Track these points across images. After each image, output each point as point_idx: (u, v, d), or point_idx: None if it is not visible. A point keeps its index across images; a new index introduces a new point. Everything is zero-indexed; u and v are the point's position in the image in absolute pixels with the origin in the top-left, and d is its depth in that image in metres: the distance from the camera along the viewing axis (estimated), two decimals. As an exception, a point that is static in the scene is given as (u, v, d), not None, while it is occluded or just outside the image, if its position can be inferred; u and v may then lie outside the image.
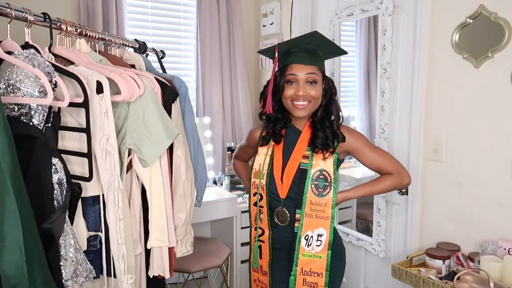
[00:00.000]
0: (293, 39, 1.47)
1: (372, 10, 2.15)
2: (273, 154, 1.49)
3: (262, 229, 1.51)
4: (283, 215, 1.46)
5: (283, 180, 1.46)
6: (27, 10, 1.20)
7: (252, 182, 1.52)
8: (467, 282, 1.53)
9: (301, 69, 1.40)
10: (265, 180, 1.47)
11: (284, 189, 1.45)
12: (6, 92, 1.06)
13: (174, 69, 2.82)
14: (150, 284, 1.56)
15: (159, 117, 1.37)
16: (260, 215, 1.50)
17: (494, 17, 1.61)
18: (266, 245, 1.50)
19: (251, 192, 1.53)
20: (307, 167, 1.43)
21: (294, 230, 1.45)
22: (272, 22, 2.90)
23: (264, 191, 1.47)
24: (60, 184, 1.12)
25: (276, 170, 1.47)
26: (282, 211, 1.46)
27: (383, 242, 2.16)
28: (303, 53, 1.40)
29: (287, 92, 1.41)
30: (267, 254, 1.50)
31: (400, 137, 2.06)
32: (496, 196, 1.66)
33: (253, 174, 1.52)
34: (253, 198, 1.52)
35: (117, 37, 1.76)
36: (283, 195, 1.45)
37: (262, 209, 1.49)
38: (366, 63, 2.77)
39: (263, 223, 1.50)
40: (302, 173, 1.43)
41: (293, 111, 1.43)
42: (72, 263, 1.12)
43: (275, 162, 1.48)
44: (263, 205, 1.48)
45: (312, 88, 1.40)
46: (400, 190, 2.03)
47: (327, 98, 1.46)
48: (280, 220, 1.47)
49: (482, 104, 1.69)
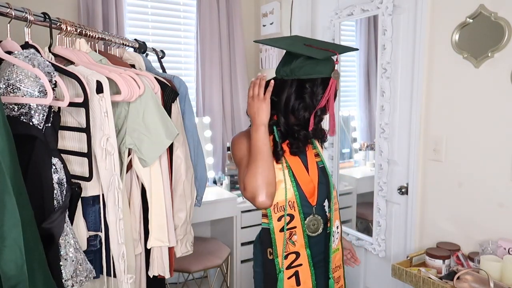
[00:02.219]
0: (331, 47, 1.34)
1: (372, 10, 2.14)
2: (288, 164, 1.32)
3: (296, 252, 1.31)
4: (315, 223, 1.33)
5: (313, 183, 1.34)
6: (27, 10, 1.20)
7: (272, 206, 1.28)
8: (467, 281, 1.53)
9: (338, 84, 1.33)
10: (294, 195, 1.30)
11: (315, 195, 1.34)
12: (6, 92, 1.06)
13: (174, 69, 2.82)
14: (150, 284, 1.56)
15: (159, 117, 1.37)
16: (292, 237, 1.30)
17: (494, 17, 1.61)
18: (306, 267, 1.31)
19: (272, 218, 1.29)
20: (323, 164, 1.41)
21: (327, 231, 1.36)
22: (272, 22, 2.90)
23: (295, 208, 1.30)
24: (60, 184, 1.12)
25: (302, 178, 1.33)
26: (314, 219, 1.33)
27: (383, 241, 2.16)
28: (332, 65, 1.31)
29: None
30: (309, 277, 1.32)
31: (400, 137, 2.06)
32: (496, 196, 1.66)
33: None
34: (277, 224, 1.29)
35: (117, 37, 1.76)
36: (314, 202, 1.33)
37: (294, 230, 1.30)
38: (366, 63, 2.77)
39: (298, 244, 1.30)
40: (323, 171, 1.39)
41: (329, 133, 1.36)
42: (72, 263, 1.12)
43: (296, 172, 1.33)
44: (296, 225, 1.30)
45: None
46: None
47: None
48: (312, 229, 1.33)
49: (482, 103, 1.69)
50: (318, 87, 1.29)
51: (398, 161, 2.08)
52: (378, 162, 2.16)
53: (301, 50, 1.28)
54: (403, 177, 2.05)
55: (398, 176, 2.09)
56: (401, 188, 2.05)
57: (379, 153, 2.14)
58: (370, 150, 2.76)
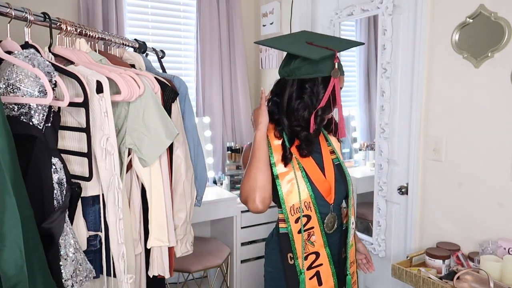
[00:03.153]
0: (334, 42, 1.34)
1: (372, 10, 2.15)
2: (301, 165, 1.31)
3: (316, 252, 1.30)
4: (333, 221, 1.34)
5: (329, 182, 1.34)
6: (27, 10, 1.20)
7: (289, 209, 1.27)
8: (467, 281, 1.53)
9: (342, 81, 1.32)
10: (309, 196, 1.29)
11: (332, 193, 1.33)
12: (6, 91, 1.06)
13: (174, 69, 2.82)
14: (150, 284, 1.56)
15: (159, 117, 1.37)
16: (310, 238, 1.29)
17: (494, 17, 1.61)
18: (327, 266, 1.31)
19: (290, 221, 1.28)
20: (339, 161, 1.39)
21: (343, 227, 1.39)
22: (272, 22, 2.90)
23: (311, 209, 1.28)
24: (60, 184, 1.12)
25: (316, 177, 1.32)
26: (331, 216, 1.33)
27: (383, 241, 2.16)
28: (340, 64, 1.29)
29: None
30: (330, 277, 1.32)
31: (400, 137, 2.06)
32: (496, 196, 1.66)
33: (287, 199, 1.28)
34: (295, 226, 1.28)
35: (117, 37, 1.76)
36: (331, 200, 1.33)
37: (312, 230, 1.29)
38: (366, 63, 2.78)
39: (317, 244, 1.30)
40: (339, 168, 1.38)
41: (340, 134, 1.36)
42: (72, 262, 1.12)
43: (310, 172, 1.31)
44: (313, 225, 1.29)
45: None
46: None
47: None
48: (329, 227, 1.33)
49: (482, 103, 1.69)
50: (319, 87, 1.29)
51: (398, 161, 2.08)
52: (378, 162, 2.16)
53: (299, 50, 1.28)
54: (403, 177, 2.05)
55: (398, 176, 2.09)
56: (401, 188, 2.05)
57: (379, 153, 2.14)
58: (370, 150, 2.76)
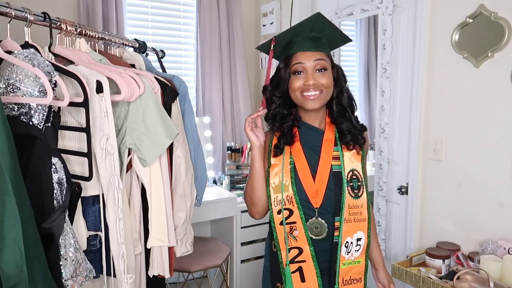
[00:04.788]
0: (292, 27, 1.34)
1: (372, 10, 2.15)
2: (293, 160, 1.31)
3: (299, 247, 1.29)
4: (318, 227, 1.29)
5: (317, 187, 1.29)
6: (27, 10, 1.20)
7: (273, 199, 1.30)
8: (467, 281, 1.53)
9: (308, 56, 1.25)
10: (292, 191, 1.28)
11: (318, 197, 1.29)
12: (6, 91, 1.06)
13: (174, 69, 2.82)
14: (150, 283, 1.56)
15: (159, 117, 1.37)
16: (293, 232, 1.29)
17: (494, 17, 1.61)
18: (310, 263, 1.29)
19: (273, 212, 1.30)
20: (340, 169, 1.30)
21: (334, 240, 1.29)
22: (272, 22, 2.90)
23: (293, 204, 1.28)
24: (60, 184, 1.12)
25: (304, 177, 1.30)
26: (317, 222, 1.29)
27: (383, 241, 2.16)
28: (306, 40, 1.27)
29: (296, 83, 1.27)
30: (314, 274, 1.29)
31: (400, 137, 2.06)
32: (496, 195, 1.66)
33: (273, 189, 1.31)
34: (277, 217, 1.30)
35: (117, 37, 1.76)
36: (317, 204, 1.29)
37: (295, 225, 1.28)
38: (366, 63, 2.78)
39: (300, 240, 1.29)
40: (336, 176, 1.29)
41: (304, 104, 1.28)
42: (72, 262, 1.12)
43: (299, 169, 1.30)
44: (296, 220, 1.28)
45: (322, 76, 1.26)
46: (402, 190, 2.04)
47: (338, 89, 1.33)
48: (315, 232, 1.29)
49: (482, 103, 1.69)
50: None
51: (398, 161, 2.08)
52: (378, 162, 2.16)
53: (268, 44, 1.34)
54: (403, 177, 2.05)
55: (398, 176, 2.09)
56: (401, 188, 2.05)
57: (379, 153, 2.14)
58: (370, 150, 2.76)
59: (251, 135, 1.30)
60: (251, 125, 1.30)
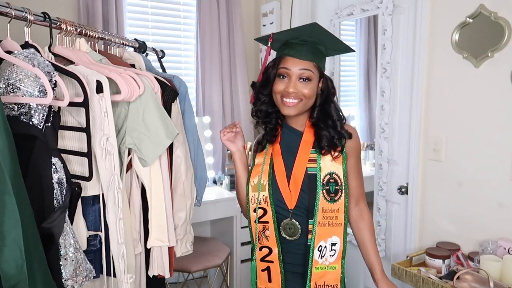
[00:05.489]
0: (292, 29, 1.35)
1: (372, 10, 2.14)
2: (272, 161, 1.34)
3: (269, 247, 1.32)
4: (292, 228, 1.30)
5: (290, 189, 1.30)
6: (27, 10, 1.20)
7: (250, 196, 1.34)
8: (467, 281, 1.53)
9: (295, 63, 1.26)
10: (268, 192, 1.31)
11: (292, 199, 1.30)
12: (6, 91, 1.06)
13: (174, 69, 2.82)
14: (150, 283, 1.56)
15: (159, 117, 1.37)
16: (265, 232, 1.32)
17: (494, 17, 1.61)
18: (276, 265, 1.31)
19: (250, 209, 1.34)
20: (316, 172, 1.29)
21: (308, 243, 1.30)
22: (272, 22, 2.90)
23: (268, 204, 1.31)
24: (60, 184, 1.12)
25: (280, 178, 1.32)
26: (291, 223, 1.30)
27: (383, 241, 2.16)
28: (301, 46, 1.27)
29: (278, 86, 1.28)
30: (279, 276, 1.32)
31: (400, 137, 2.06)
32: (496, 195, 1.66)
33: (251, 188, 1.34)
34: (252, 215, 1.34)
35: (117, 37, 1.76)
36: (291, 205, 1.30)
37: (267, 225, 1.31)
38: (366, 63, 2.77)
39: (270, 240, 1.31)
40: (311, 179, 1.29)
41: (281, 109, 1.30)
42: (72, 262, 1.12)
43: (276, 170, 1.33)
44: (268, 220, 1.31)
45: (305, 86, 1.26)
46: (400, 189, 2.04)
47: (323, 98, 1.33)
48: (289, 233, 1.30)
49: (482, 103, 1.69)
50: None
51: (398, 161, 2.08)
52: (378, 162, 2.16)
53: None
54: (403, 177, 2.05)
55: (398, 176, 2.09)
56: (401, 188, 2.05)
57: (379, 153, 2.14)
58: (370, 150, 2.76)
59: (227, 143, 1.39)
60: (227, 135, 1.38)
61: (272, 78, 1.30)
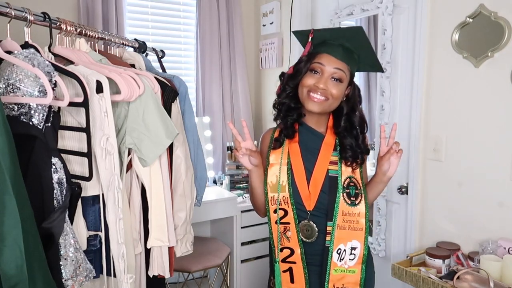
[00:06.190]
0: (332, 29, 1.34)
1: (372, 10, 2.14)
2: (290, 162, 1.33)
3: (291, 248, 1.31)
4: (309, 229, 1.30)
5: (310, 190, 1.30)
6: (27, 10, 1.19)
7: (269, 198, 1.33)
8: (467, 281, 1.53)
9: (331, 61, 1.26)
10: (288, 192, 1.30)
11: (312, 200, 1.30)
12: (6, 91, 1.06)
13: (174, 69, 2.82)
14: (150, 283, 1.56)
15: (159, 117, 1.37)
16: (287, 233, 1.31)
17: (494, 17, 1.61)
18: (299, 266, 1.31)
19: (269, 209, 1.33)
20: (337, 174, 1.30)
21: (326, 244, 1.29)
22: (272, 22, 2.90)
23: (288, 205, 1.30)
24: (60, 184, 1.12)
25: (299, 179, 1.31)
26: (308, 225, 1.30)
27: (383, 241, 2.16)
28: (338, 47, 1.27)
29: (307, 80, 1.28)
30: (302, 277, 1.31)
31: (400, 137, 2.05)
32: (496, 195, 1.66)
33: (270, 188, 1.33)
34: (273, 216, 1.33)
35: (117, 37, 1.76)
36: (309, 207, 1.30)
37: (288, 226, 1.30)
38: (366, 63, 2.77)
39: (292, 241, 1.30)
40: (332, 181, 1.30)
41: (306, 103, 1.29)
42: (72, 262, 1.12)
43: (295, 171, 1.32)
44: (290, 221, 1.30)
45: (335, 86, 1.26)
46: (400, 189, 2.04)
47: (350, 106, 1.33)
48: (306, 235, 1.30)
49: (482, 103, 1.69)
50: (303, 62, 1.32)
51: (398, 161, 2.07)
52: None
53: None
54: (403, 177, 2.05)
55: (398, 175, 2.08)
56: (401, 187, 2.05)
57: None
58: (370, 150, 2.76)
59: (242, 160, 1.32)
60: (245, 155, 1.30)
61: (304, 71, 1.29)
